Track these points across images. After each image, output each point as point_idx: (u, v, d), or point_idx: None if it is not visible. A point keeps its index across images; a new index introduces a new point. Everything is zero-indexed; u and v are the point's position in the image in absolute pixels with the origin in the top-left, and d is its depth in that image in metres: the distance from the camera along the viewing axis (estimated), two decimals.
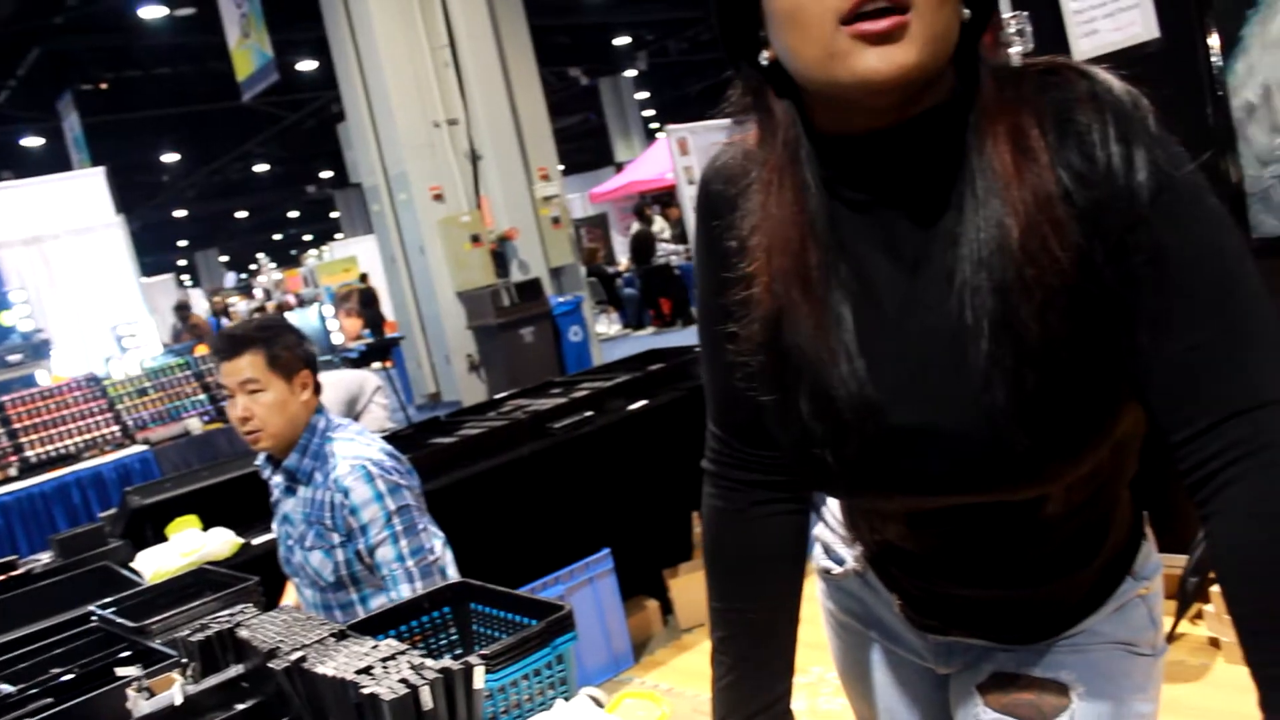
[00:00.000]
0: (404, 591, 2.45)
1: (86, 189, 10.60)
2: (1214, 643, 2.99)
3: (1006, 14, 2.83)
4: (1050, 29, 2.73)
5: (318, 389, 2.66)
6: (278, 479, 2.67)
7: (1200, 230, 0.91)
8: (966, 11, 0.94)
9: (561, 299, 10.07)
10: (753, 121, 1.06)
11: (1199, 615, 3.04)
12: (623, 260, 17.81)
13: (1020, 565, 1.10)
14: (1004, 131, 0.93)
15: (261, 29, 10.94)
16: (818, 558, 1.37)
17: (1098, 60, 2.63)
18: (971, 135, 0.95)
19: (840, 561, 1.33)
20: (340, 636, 1.54)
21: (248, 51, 11.54)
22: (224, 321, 18.36)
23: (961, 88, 0.98)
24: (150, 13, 14.22)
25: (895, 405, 0.99)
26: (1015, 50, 2.78)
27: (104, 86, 16.94)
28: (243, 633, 1.66)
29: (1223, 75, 2.42)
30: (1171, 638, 3.01)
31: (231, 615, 1.76)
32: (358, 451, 2.55)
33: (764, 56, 0.99)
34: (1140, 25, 2.57)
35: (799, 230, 1.00)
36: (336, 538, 2.54)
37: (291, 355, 2.59)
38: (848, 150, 1.00)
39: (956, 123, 0.97)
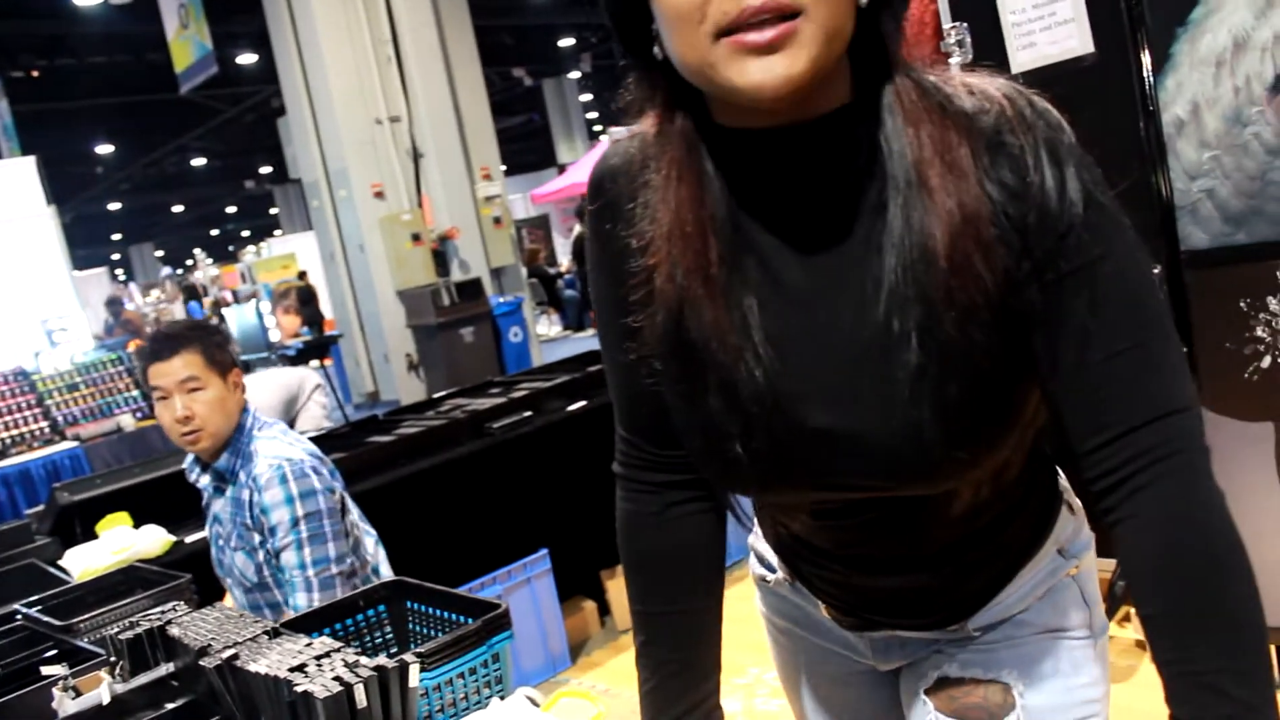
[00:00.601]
0: (299, 601, 2.44)
1: (16, 178, 10.36)
2: (1141, 645, 3.05)
3: (946, 24, 2.87)
4: (989, 41, 2.77)
5: (242, 387, 2.64)
6: (205, 480, 2.65)
7: (1120, 250, 0.93)
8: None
9: (502, 299, 10.05)
10: (647, 117, 1.04)
11: (1126, 618, 3.11)
12: (564, 261, 17.80)
13: (923, 550, 1.11)
14: (930, 144, 0.92)
15: (201, 20, 10.79)
16: (752, 565, 1.37)
17: (1036, 73, 2.68)
18: (889, 139, 0.94)
19: (773, 569, 1.33)
20: (273, 634, 1.52)
21: (186, 43, 11.36)
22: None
23: (864, 84, 0.96)
24: (85, 0, 13.97)
25: (809, 404, 0.99)
26: (955, 61, 2.82)
27: (35, 74, 16.59)
28: (173, 630, 1.63)
29: (1154, 91, 2.48)
30: None
31: (162, 613, 1.73)
32: (279, 451, 2.53)
33: (657, 51, 0.97)
34: (1076, 40, 2.62)
35: (699, 222, 0.98)
36: (257, 538, 2.52)
37: (224, 353, 2.58)
38: (750, 144, 0.98)
39: (868, 124, 0.95)
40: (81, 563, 3.08)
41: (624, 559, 1.24)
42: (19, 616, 2.22)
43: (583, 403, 4.15)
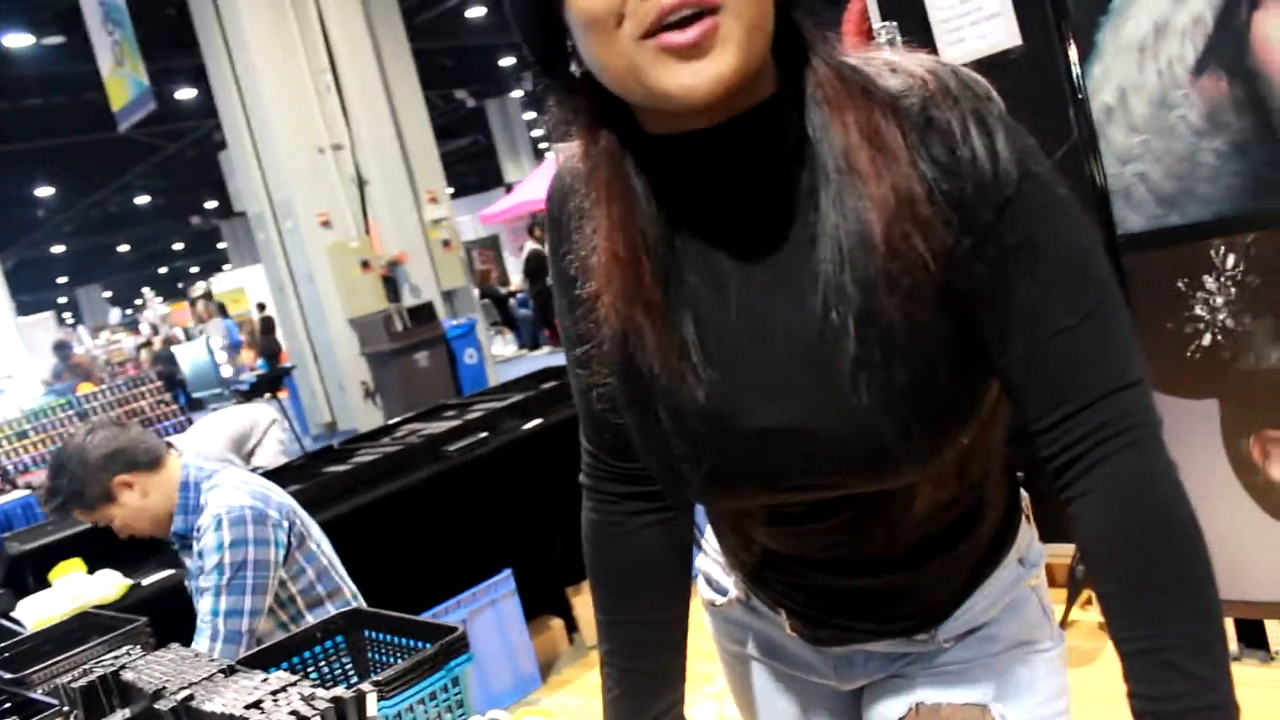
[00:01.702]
0: (201, 648, 2.40)
1: None
2: (1104, 627, 3.07)
3: (876, 24, 2.90)
4: (919, 38, 2.79)
5: (154, 464, 2.60)
6: (175, 545, 2.66)
7: (1061, 221, 0.92)
8: None
9: (455, 322, 10.01)
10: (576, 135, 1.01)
11: (1089, 601, 3.13)
12: (516, 280, 17.77)
13: (890, 549, 1.10)
14: (855, 126, 0.91)
15: (136, 56, 10.67)
16: (701, 589, 1.35)
17: (966, 67, 2.71)
18: (816, 127, 0.93)
19: (723, 591, 1.31)
20: (229, 672, 1.50)
21: (122, 80, 11.24)
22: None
23: (788, 75, 0.95)
24: (15, 41, 13.78)
25: (755, 409, 0.98)
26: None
27: None
28: (127, 675, 1.61)
29: (1082, 80, 2.51)
30: (1064, 624, 3.09)
31: (115, 658, 1.70)
32: (223, 500, 2.53)
33: (575, 68, 0.96)
34: (1004, 33, 2.65)
35: (629, 246, 0.97)
36: None
37: (99, 487, 2.54)
38: (679, 151, 0.96)
39: (794, 114, 0.94)
40: (35, 613, 3.02)
41: (589, 569, 1.23)
42: None
43: (538, 420, 4.14)
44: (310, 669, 1.74)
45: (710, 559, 1.33)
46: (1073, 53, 2.53)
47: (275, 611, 2.58)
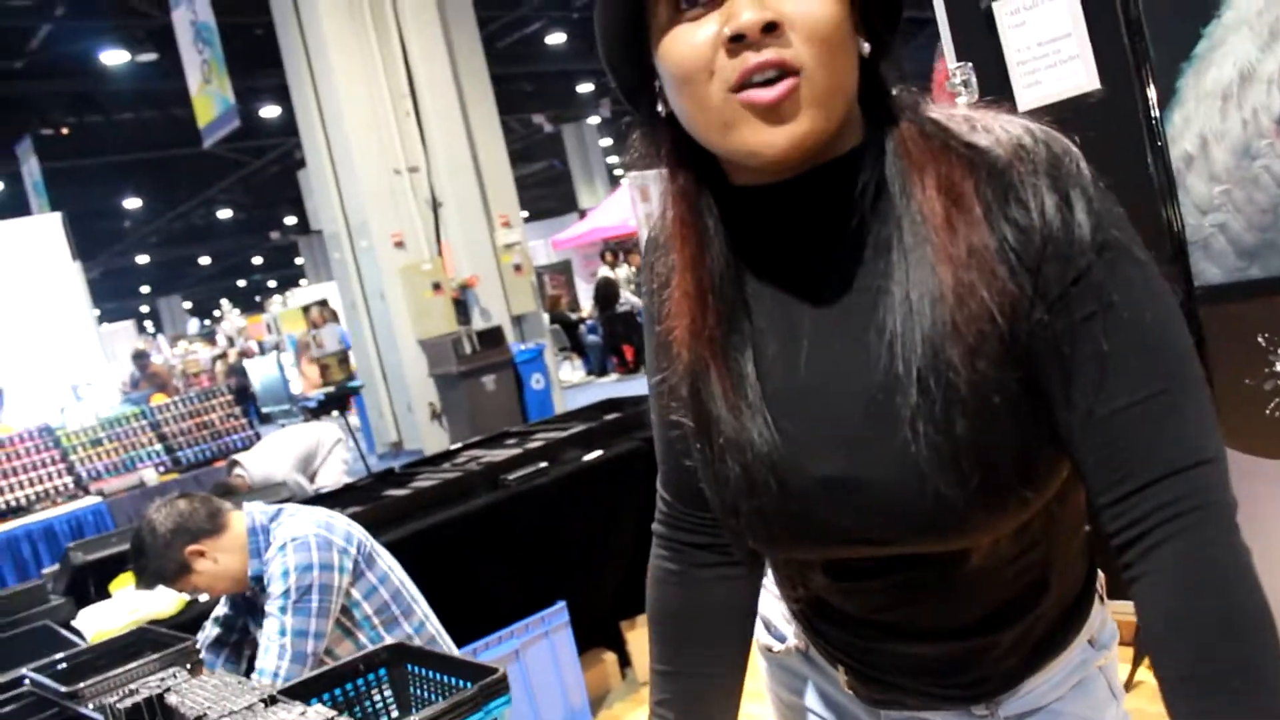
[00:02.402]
0: (266, 664, 2.47)
1: (43, 235, 10.50)
2: None
3: (952, 64, 2.86)
4: (995, 80, 2.75)
5: (218, 527, 2.66)
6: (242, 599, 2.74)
7: (1139, 292, 0.89)
8: (866, 46, 0.93)
9: (523, 346, 10.04)
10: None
11: None
12: (586, 307, 17.83)
13: (951, 618, 1.07)
14: (933, 181, 0.92)
15: (223, 75, 10.91)
16: (759, 635, 1.33)
17: (1043, 110, 2.66)
18: (895, 181, 0.94)
19: (782, 638, 1.30)
20: (270, 702, 1.51)
21: (209, 97, 11.50)
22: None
23: (873, 128, 0.96)
24: (112, 58, 14.22)
25: (817, 458, 0.97)
26: (961, 100, 2.80)
27: (65, 132, 16.87)
28: (171, 699, 1.62)
29: (1161, 126, 2.45)
30: (1129, 685, 3.00)
31: (161, 680, 1.72)
32: (289, 530, 2.61)
33: (661, 108, 0.97)
34: (1082, 76, 2.60)
35: (698, 284, 0.99)
36: None
37: (173, 562, 2.61)
38: (759, 201, 0.98)
39: (875, 167, 0.95)
40: (95, 623, 3.07)
41: (650, 617, 1.23)
42: (26, 681, 2.20)
43: (599, 452, 4.12)
44: (351, 701, 1.74)
45: (771, 603, 1.31)
46: (1153, 97, 2.47)
47: (353, 633, 2.64)
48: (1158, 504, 0.88)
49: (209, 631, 2.79)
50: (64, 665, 2.28)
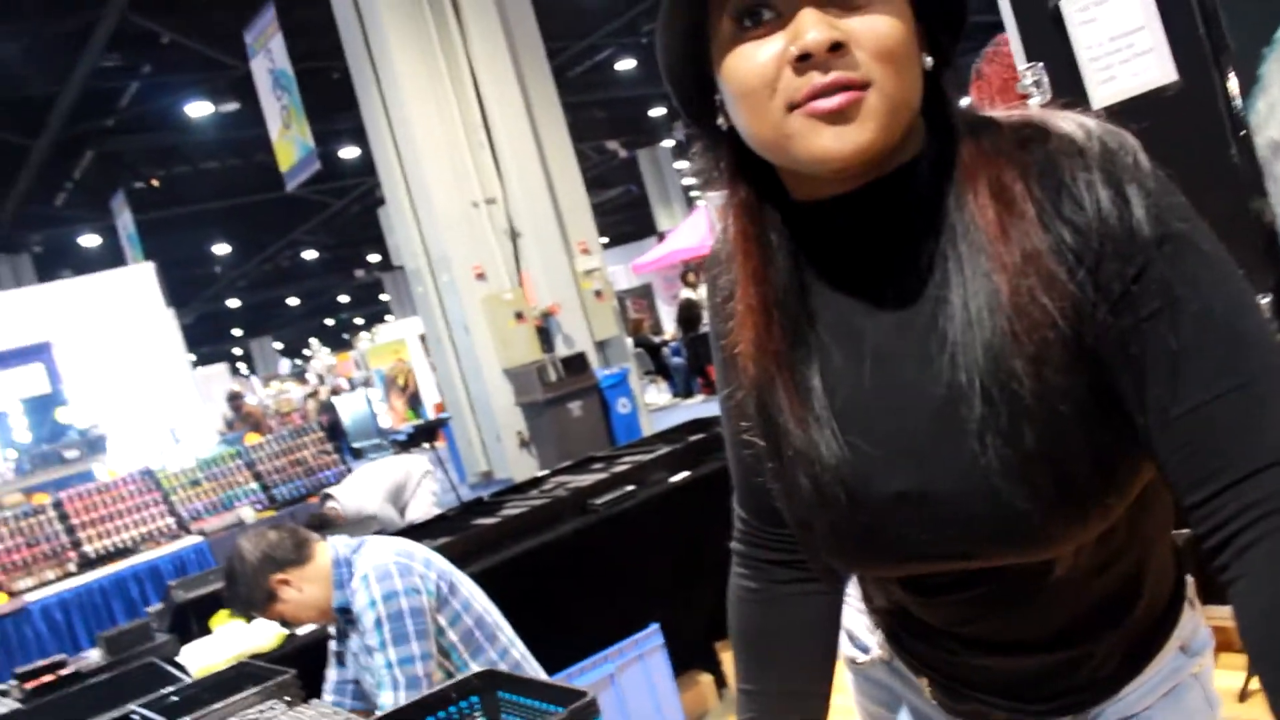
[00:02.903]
0: (385, 699, 2.51)
1: (137, 284, 10.83)
2: None
3: (1022, 65, 2.81)
4: (1067, 78, 2.70)
5: (303, 557, 2.72)
6: (335, 630, 2.80)
7: (1208, 281, 0.87)
8: (929, 60, 0.93)
9: (608, 371, 10.08)
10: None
11: None
12: (669, 329, 17.83)
13: (1037, 630, 1.05)
14: (985, 186, 0.91)
15: (302, 120, 11.17)
16: (843, 647, 1.32)
17: (1119, 106, 2.61)
18: (951, 191, 0.93)
19: (865, 649, 1.29)
20: None
21: (289, 143, 11.77)
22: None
23: (934, 140, 0.95)
24: (197, 110, 14.63)
25: (887, 472, 0.96)
26: (1033, 101, 2.76)
27: (155, 184, 17.40)
28: None
29: (1244, 115, 2.38)
30: (1244, 696, 2.90)
31: (260, 712, 1.75)
32: (368, 561, 2.66)
33: (721, 121, 0.97)
34: (1158, 69, 2.54)
35: (762, 298, 0.99)
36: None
37: (261, 591, 2.69)
38: (820, 215, 0.98)
39: (932, 177, 0.94)
40: (198, 659, 3.14)
41: (732, 635, 1.23)
42: (134, 717, 2.26)
43: (685, 474, 4.12)
44: None
45: (854, 615, 1.30)
46: (1234, 86, 2.40)
47: (441, 662, 2.65)
48: (1245, 504, 0.85)
49: (331, 675, 2.84)
50: (169, 700, 2.33)
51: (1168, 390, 0.87)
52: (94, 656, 3.51)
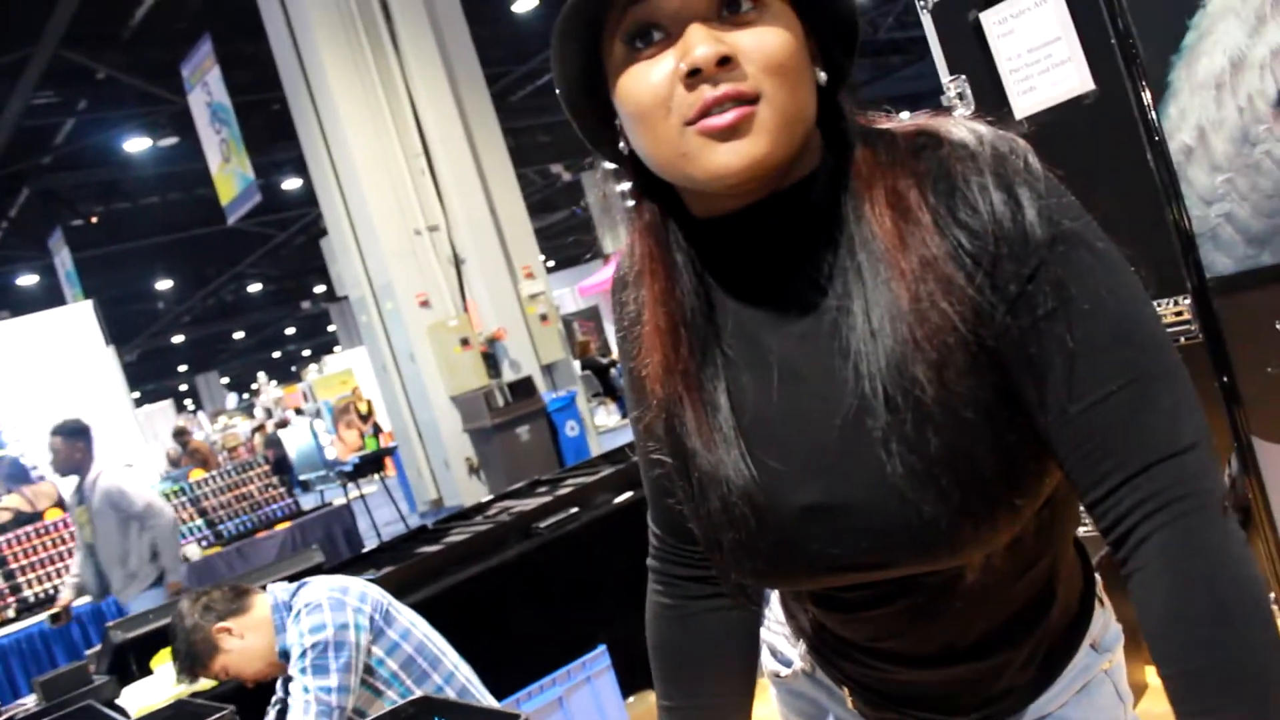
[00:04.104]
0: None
1: (76, 323, 10.68)
2: None
3: (945, 78, 2.85)
4: (989, 90, 2.74)
5: (242, 605, 2.71)
6: (281, 679, 2.78)
7: (1099, 279, 0.88)
8: (823, 75, 0.94)
9: (555, 395, 10.06)
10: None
11: None
12: (616, 351, 17.85)
13: (956, 641, 1.05)
14: (881, 196, 0.92)
15: (241, 152, 11.09)
16: (765, 661, 1.31)
17: (1040, 115, 2.65)
18: (848, 202, 0.94)
19: (788, 663, 1.28)
20: None
21: (230, 176, 11.68)
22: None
23: (831, 153, 0.96)
24: (135, 145, 14.49)
25: (795, 487, 0.96)
26: (958, 113, 2.79)
27: (94, 220, 17.16)
28: None
29: (1158, 120, 2.43)
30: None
31: None
32: (304, 598, 2.67)
33: (623, 146, 0.98)
34: (1076, 79, 2.58)
35: (670, 318, 0.99)
36: None
37: (203, 642, 2.66)
38: (722, 232, 0.98)
39: (830, 189, 0.95)
40: (139, 699, 3.09)
41: (651, 653, 1.22)
42: None
43: (629, 494, 4.11)
44: None
45: (776, 629, 1.29)
46: (1146, 94, 2.45)
47: (383, 692, 2.68)
48: (1140, 498, 0.86)
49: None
50: None
51: (1065, 389, 0.88)
52: (30, 702, 3.44)
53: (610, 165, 1.05)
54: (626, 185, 1.06)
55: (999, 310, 0.88)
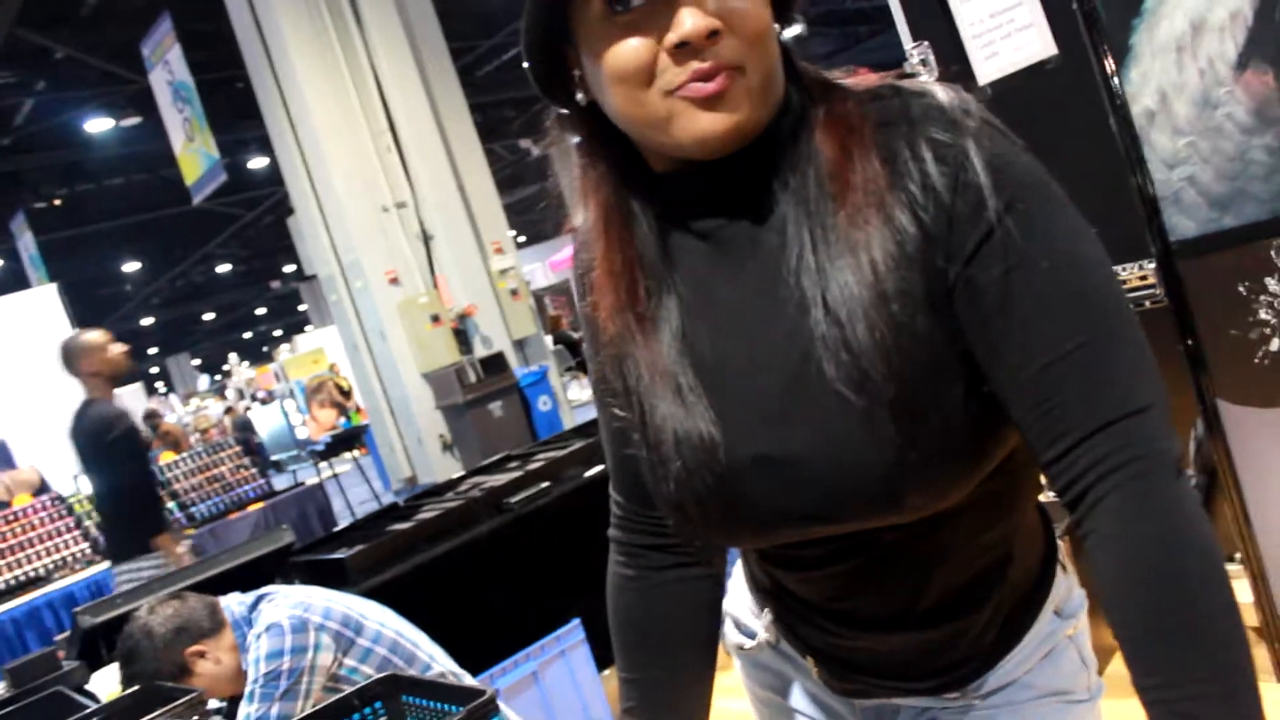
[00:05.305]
0: None
1: (40, 307, 10.55)
2: None
3: (908, 45, 2.84)
4: (952, 56, 2.74)
5: (217, 626, 2.56)
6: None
7: (1055, 240, 0.88)
8: (777, 26, 0.93)
9: (527, 370, 10.04)
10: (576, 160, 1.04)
11: None
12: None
13: (914, 604, 1.05)
14: (839, 145, 0.92)
15: (205, 132, 10.96)
16: (729, 634, 1.31)
17: (1004, 81, 2.65)
18: (807, 152, 0.94)
19: (751, 635, 1.27)
20: None
21: (194, 155, 11.54)
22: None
23: (791, 103, 0.97)
24: (96, 126, 14.31)
25: (747, 436, 0.96)
26: (922, 79, 2.78)
27: (57, 203, 16.96)
28: None
29: (1120, 85, 2.43)
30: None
31: None
32: (266, 619, 2.53)
33: (580, 98, 0.97)
34: (1038, 44, 2.58)
35: (626, 264, 1.00)
36: None
37: (173, 665, 2.50)
38: (681, 183, 0.99)
39: (791, 140, 0.95)
40: (109, 685, 3.06)
41: (612, 623, 1.21)
42: None
43: (600, 467, 4.10)
44: None
45: (739, 601, 1.29)
46: (1108, 58, 2.45)
47: None
48: (1094, 459, 0.86)
49: None
50: None
51: (1018, 350, 0.87)
52: None
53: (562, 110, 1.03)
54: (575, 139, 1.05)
55: (954, 267, 0.88)
